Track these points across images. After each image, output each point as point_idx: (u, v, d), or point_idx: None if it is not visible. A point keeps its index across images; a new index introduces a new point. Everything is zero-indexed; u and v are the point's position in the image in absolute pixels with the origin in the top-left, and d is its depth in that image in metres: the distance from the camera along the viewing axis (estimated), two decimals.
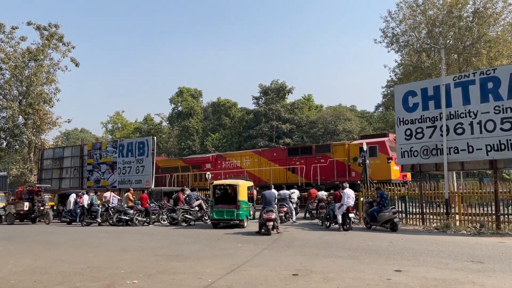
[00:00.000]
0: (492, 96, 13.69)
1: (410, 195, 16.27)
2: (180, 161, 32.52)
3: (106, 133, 74.32)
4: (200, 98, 62.44)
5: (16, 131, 32.80)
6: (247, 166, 27.65)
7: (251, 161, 27.75)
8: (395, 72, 33.91)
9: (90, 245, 11.56)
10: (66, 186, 28.13)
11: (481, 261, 8.14)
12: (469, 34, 28.46)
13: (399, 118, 15.87)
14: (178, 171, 30.15)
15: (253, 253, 9.40)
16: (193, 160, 31.37)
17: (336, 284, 6.23)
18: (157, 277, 6.90)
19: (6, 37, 32.80)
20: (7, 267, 8.19)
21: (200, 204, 17.83)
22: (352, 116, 51.22)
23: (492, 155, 13.52)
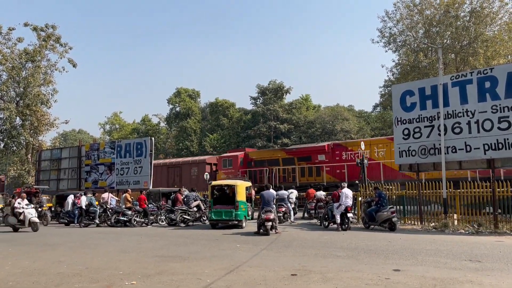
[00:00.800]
0: (489, 96, 13.73)
1: (408, 195, 16.28)
2: (281, 152, 27.69)
3: (104, 134, 74.21)
4: (198, 98, 62.39)
5: (13, 132, 32.72)
6: (381, 157, 22.27)
7: (386, 150, 22.08)
8: (393, 72, 34.03)
9: (88, 246, 11.54)
10: (64, 187, 28.07)
11: (480, 260, 8.16)
12: (466, 33, 28.57)
13: (397, 117, 15.90)
14: (279, 164, 26.21)
15: (251, 254, 9.40)
16: (299, 151, 26.59)
17: (334, 284, 6.23)
18: (155, 278, 6.89)
19: (3, 38, 32.79)
20: (5, 268, 8.16)
21: (199, 205, 17.82)
22: (350, 116, 51.28)
23: (490, 154, 13.56)
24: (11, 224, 16.79)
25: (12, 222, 16.73)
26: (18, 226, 16.62)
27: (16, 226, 16.67)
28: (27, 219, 16.31)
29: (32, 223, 16.34)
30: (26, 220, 16.31)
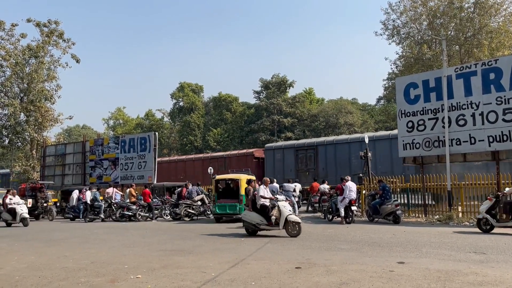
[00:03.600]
0: (494, 87, 13.65)
1: (412, 188, 16.26)
2: None
3: (108, 129, 74.42)
4: (201, 93, 62.38)
5: (18, 128, 32.83)
6: None
7: None
8: (396, 65, 33.79)
9: (93, 241, 11.62)
10: (68, 182, 28.19)
11: (484, 252, 8.15)
12: (471, 25, 28.32)
13: (400, 110, 15.84)
14: None
15: (256, 247, 9.43)
16: None
17: (339, 276, 6.25)
18: (160, 272, 6.93)
19: (6, 34, 32.74)
20: (11, 263, 8.23)
21: (203, 199, 17.88)
22: (354, 109, 51.13)
23: (495, 146, 13.50)
24: (5, 219, 17.65)
25: (6, 218, 17.60)
26: (11, 221, 17.44)
27: (9, 221, 17.52)
28: (19, 215, 17.15)
29: (22, 219, 17.22)
30: (18, 216, 17.15)
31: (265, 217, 11.21)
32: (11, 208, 17.32)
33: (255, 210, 11.39)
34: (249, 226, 11.49)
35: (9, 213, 17.37)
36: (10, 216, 17.35)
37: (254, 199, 11.58)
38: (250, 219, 11.41)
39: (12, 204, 17.36)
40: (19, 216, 17.18)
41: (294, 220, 10.96)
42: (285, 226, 10.90)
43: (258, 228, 11.32)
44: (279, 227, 10.97)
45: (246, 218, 11.55)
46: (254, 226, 11.33)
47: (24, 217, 17.27)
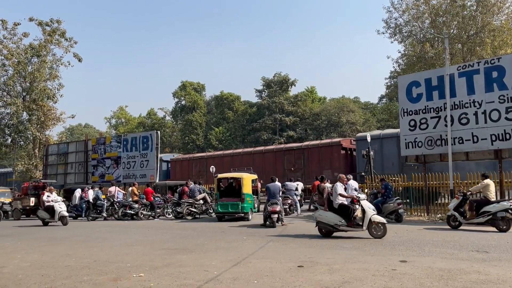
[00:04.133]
0: (496, 86, 13.62)
1: (414, 186, 16.24)
2: None
3: (110, 128, 74.54)
4: (203, 91, 62.43)
5: (20, 127, 32.93)
6: None
7: None
8: (399, 63, 33.78)
9: (95, 239, 11.63)
10: (71, 181, 28.27)
11: (487, 251, 8.14)
12: (473, 23, 28.27)
13: (403, 109, 15.81)
14: None
15: (258, 246, 9.43)
16: None
17: (341, 275, 6.24)
18: (163, 270, 6.94)
19: (9, 33, 32.86)
20: (14, 262, 8.25)
21: (205, 198, 17.89)
22: (356, 108, 51.09)
23: (497, 144, 13.47)
24: (42, 218, 16.62)
25: (43, 217, 16.57)
26: (48, 220, 16.46)
27: (46, 220, 16.53)
28: (57, 213, 16.15)
29: (61, 217, 16.22)
30: (56, 214, 16.14)
31: (344, 217, 10.31)
32: (49, 206, 16.34)
33: (332, 210, 10.52)
34: (325, 227, 10.60)
35: (47, 211, 16.39)
36: (48, 215, 16.33)
37: (330, 198, 10.77)
38: (327, 220, 10.48)
39: (50, 202, 16.37)
40: (57, 215, 16.16)
41: (379, 220, 10.20)
42: (368, 226, 10.14)
43: (336, 229, 10.47)
44: (362, 227, 10.13)
45: (321, 218, 10.58)
46: (331, 227, 10.45)
47: (63, 215, 16.26)
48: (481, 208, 11.53)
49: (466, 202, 12.01)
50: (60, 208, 16.20)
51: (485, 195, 11.94)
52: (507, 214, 11.14)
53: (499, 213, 11.14)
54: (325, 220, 10.57)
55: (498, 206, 11.28)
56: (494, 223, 11.30)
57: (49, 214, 16.26)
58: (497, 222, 11.26)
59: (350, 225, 10.27)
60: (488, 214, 11.33)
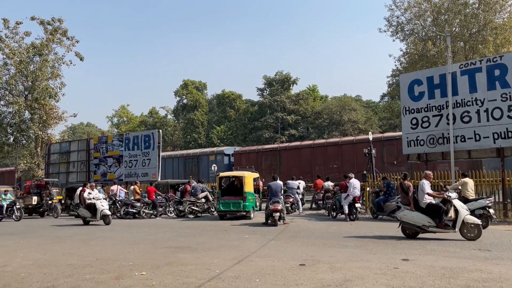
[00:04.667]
0: (499, 84, 13.59)
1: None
2: None
3: (112, 127, 74.57)
4: (204, 90, 62.43)
5: (22, 126, 32.97)
6: None
7: None
8: (400, 61, 33.69)
9: (98, 238, 11.66)
10: (73, 180, 28.29)
11: (489, 249, 8.13)
12: (475, 21, 28.16)
13: (405, 107, 15.79)
14: None
15: (260, 244, 9.44)
16: None
17: (343, 273, 6.24)
18: (165, 269, 6.95)
19: (11, 32, 32.86)
20: (17, 260, 8.27)
21: (207, 196, 17.91)
22: (358, 106, 51.00)
23: (499, 143, 13.44)
24: (83, 216, 15.69)
25: (84, 215, 15.60)
26: (90, 219, 15.55)
27: (88, 219, 15.59)
28: (99, 211, 15.18)
29: (103, 216, 15.26)
30: (98, 212, 15.20)
31: (433, 217, 9.74)
32: (91, 203, 15.38)
33: (419, 210, 9.88)
34: (411, 228, 9.99)
35: (88, 209, 15.44)
36: (89, 213, 15.41)
37: (416, 197, 10.17)
38: (414, 220, 9.82)
39: (92, 199, 15.43)
40: (99, 213, 15.16)
41: (473, 221, 9.53)
42: (461, 228, 9.48)
43: (424, 231, 9.87)
44: (455, 229, 9.47)
45: (407, 218, 9.91)
46: (418, 228, 9.83)
47: (105, 214, 15.26)
48: None
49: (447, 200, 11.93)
50: (102, 206, 15.32)
51: (463, 193, 12.09)
52: (484, 212, 11.35)
53: (476, 211, 11.27)
54: (411, 221, 9.90)
55: (476, 204, 11.48)
56: None
57: (91, 212, 15.36)
58: None
59: (440, 226, 9.60)
60: None
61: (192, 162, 31.20)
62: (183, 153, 33.75)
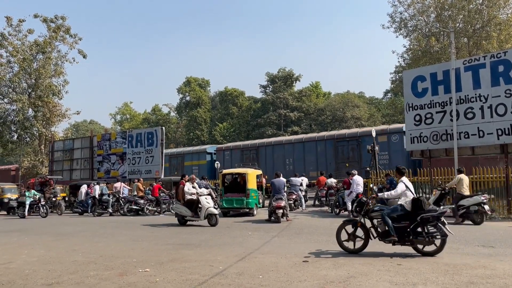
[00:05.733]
0: (503, 80, 13.51)
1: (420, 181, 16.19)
2: None
3: (115, 124, 74.70)
4: (207, 87, 62.37)
5: (26, 123, 33.11)
6: None
7: None
8: (404, 58, 33.59)
9: (101, 235, 11.70)
10: (77, 177, 28.39)
11: (492, 246, 8.11)
12: (479, 17, 28.01)
13: (408, 103, 15.74)
14: None
15: (263, 241, 9.45)
16: None
17: (346, 270, 6.25)
18: (168, 265, 6.97)
19: (14, 30, 32.97)
20: (21, 257, 8.32)
21: (210, 193, 17.91)
22: (361, 103, 50.85)
23: (503, 139, 13.38)
24: (182, 215, 13.27)
25: (183, 214, 13.17)
26: (190, 218, 13.13)
27: (187, 218, 13.14)
28: (204, 210, 12.67)
29: (209, 216, 12.70)
30: (203, 211, 12.67)
31: None
32: (193, 200, 13.00)
33: None
34: None
35: (189, 206, 12.99)
36: (189, 211, 12.94)
37: None
38: None
39: (193, 195, 13.06)
40: (204, 212, 12.61)
41: None
42: None
43: None
44: None
45: None
46: None
47: (212, 212, 12.64)
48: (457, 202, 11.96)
49: (444, 197, 12.39)
50: (207, 204, 12.79)
51: (458, 190, 12.28)
52: (479, 208, 11.55)
53: (472, 207, 11.58)
54: None
55: (471, 200, 11.70)
56: (469, 216, 11.73)
57: (192, 210, 12.98)
58: (471, 215, 11.68)
59: None
60: (462, 208, 11.75)
61: None
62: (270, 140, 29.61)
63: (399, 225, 7.28)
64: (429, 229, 7.11)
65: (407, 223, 7.27)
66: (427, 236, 7.06)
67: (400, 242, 7.27)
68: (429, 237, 7.06)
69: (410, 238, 7.20)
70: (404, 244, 7.31)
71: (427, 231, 7.10)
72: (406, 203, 7.40)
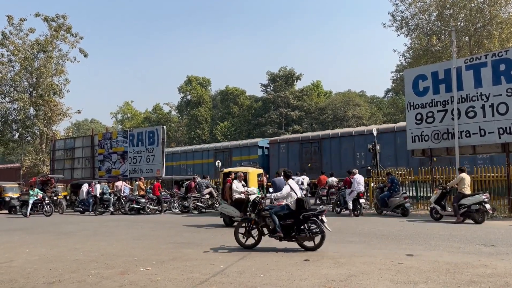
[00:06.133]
0: (504, 78, 13.49)
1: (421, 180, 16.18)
2: None
3: (116, 123, 74.77)
4: (208, 86, 62.40)
5: (27, 122, 33.15)
6: None
7: None
8: (405, 56, 33.54)
9: (103, 234, 11.72)
10: (78, 176, 28.41)
11: (494, 245, 8.10)
12: (481, 15, 27.96)
13: (409, 102, 15.72)
14: None
15: (264, 240, 9.43)
16: None
17: (347, 269, 6.25)
18: (169, 264, 6.98)
19: (15, 29, 32.99)
20: (23, 256, 8.33)
21: (211, 192, 17.94)
22: (362, 102, 50.86)
23: (505, 138, 13.35)
24: (230, 215, 12.06)
25: (231, 214, 11.94)
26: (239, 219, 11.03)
27: (236, 219, 11.76)
28: None
29: None
30: None
31: None
32: (241, 199, 11.73)
33: None
34: None
35: (238, 206, 11.77)
36: (238, 212, 11.63)
37: None
38: None
39: (242, 194, 11.76)
40: None
41: None
42: None
43: None
44: None
45: None
46: None
47: None
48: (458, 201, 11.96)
49: (446, 195, 12.58)
50: None
51: (459, 189, 12.24)
52: (480, 207, 11.56)
53: (473, 206, 11.59)
54: None
55: (472, 199, 11.71)
56: (470, 215, 11.71)
57: (241, 211, 11.64)
58: (472, 214, 11.66)
59: None
60: (463, 207, 11.74)
61: None
62: None
63: (285, 223, 8.01)
64: (310, 226, 7.86)
65: (292, 221, 7.98)
66: (308, 233, 7.80)
67: (286, 238, 7.99)
68: (309, 233, 7.80)
69: (294, 234, 7.93)
70: (290, 240, 8.02)
71: (308, 228, 7.84)
72: (291, 203, 8.15)
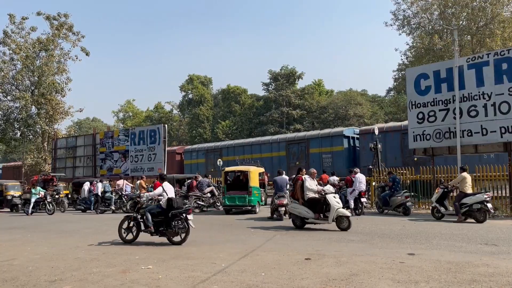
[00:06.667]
0: (506, 77, 13.46)
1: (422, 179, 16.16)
2: None
3: (118, 122, 74.82)
4: (210, 85, 62.37)
5: (29, 121, 33.17)
6: None
7: None
8: (407, 55, 33.49)
9: (104, 232, 11.74)
10: (79, 174, 28.43)
11: (495, 244, 8.09)
12: (483, 14, 27.89)
13: (411, 101, 15.70)
14: None
15: (265, 238, 9.46)
16: None
17: (349, 268, 6.25)
18: (171, 263, 6.99)
19: (17, 27, 32.99)
20: (24, 254, 8.35)
21: (212, 191, 17.95)
22: (363, 101, 50.76)
23: (507, 137, 13.33)
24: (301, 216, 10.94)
25: (304, 215, 10.88)
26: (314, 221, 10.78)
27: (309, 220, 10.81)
28: (334, 211, 10.29)
29: (340, 218, 10.38)
30: (332, 213, 10.28)
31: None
32: (316, 199, 10.69)
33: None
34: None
35: (311, 206, 10.69)
36: (311, 212, 10.62)
37: None
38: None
39: (317, 193, 10.76)
40: (333, 213, 10.24)
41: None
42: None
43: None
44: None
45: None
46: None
47: (343, 214, 10.36)
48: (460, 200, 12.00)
49: (447, 194, 12.68)
50: (337, 204, 10.45)
51: (461, 188, 12.25)
52: (482, 206, 11.61)
53: (474, 205, 11.63)
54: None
55: (474, 198, 11.76)
56: (471, 214, 11.74)
57: (315, 211, 10.65)
58: (474, 213, 11.70)
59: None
60: (465, 206, 11.77)
61: None
62: None
63: (157, 219, 9.07)
64: (177, 223, 8.90)
65: (162, 218, 9.02)
66: (174, 229, 8.88)
67: (156, 233, 9.06)
68: (175, 229, 8.88)
69: (163, 230, 8.99)
70: (162, 235, 9.06)
71: (174, 224, 8.89)
72: (162, 202, 9.14)
